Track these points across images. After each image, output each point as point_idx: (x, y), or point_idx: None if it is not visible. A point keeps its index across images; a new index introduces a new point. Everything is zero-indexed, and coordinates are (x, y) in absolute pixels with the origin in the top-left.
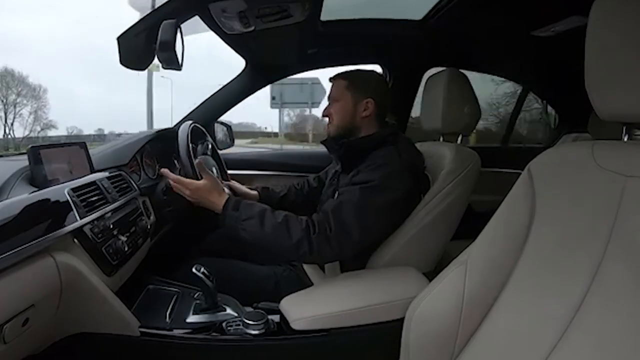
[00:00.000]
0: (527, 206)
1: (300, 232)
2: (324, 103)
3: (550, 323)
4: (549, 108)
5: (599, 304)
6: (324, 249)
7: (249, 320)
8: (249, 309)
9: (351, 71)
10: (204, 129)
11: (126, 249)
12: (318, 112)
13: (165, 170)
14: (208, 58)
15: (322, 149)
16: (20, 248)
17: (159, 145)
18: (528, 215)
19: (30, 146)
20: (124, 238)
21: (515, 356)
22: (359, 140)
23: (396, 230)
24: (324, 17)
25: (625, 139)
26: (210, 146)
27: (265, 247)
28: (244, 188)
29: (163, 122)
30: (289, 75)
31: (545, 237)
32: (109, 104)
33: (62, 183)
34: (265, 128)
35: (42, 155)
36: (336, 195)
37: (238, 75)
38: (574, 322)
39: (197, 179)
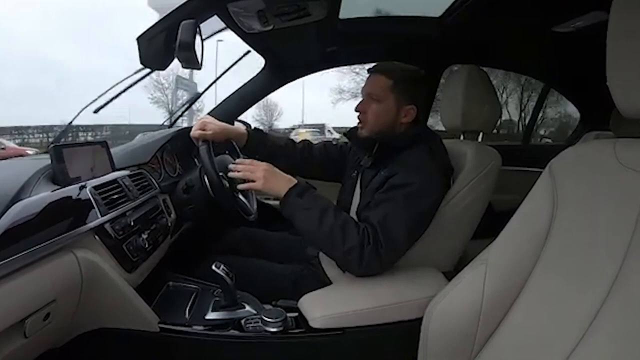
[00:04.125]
0: (548, 205)
1: (355, 240)
2: None
3: (571, 323)
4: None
5: (621, 304)
6: (373, 263)
7: (268, 317)
8: (268, 306)
9: (396, 68)
10: None
11: (146, 246)
12: None
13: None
14: None
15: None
16: (42, 245)
17: (179, 144)
18: (549, 214)
19: (52, 145)
20: (144, 235)
21: (535, 357)
22: (393, 139)
23: None
24: (342, 15)
25: None
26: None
27: (314, 243)
28: (227, 125)
29: None
30: (308, 74)
31: (566, 237)
32: None
33: (84, 181)
34: None
35: (64, 154)
36: (358, 189)
37: (258, 74)
38: (595, 322)
39: (212, 162)
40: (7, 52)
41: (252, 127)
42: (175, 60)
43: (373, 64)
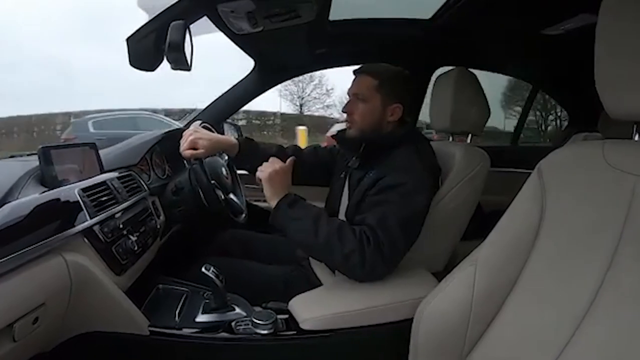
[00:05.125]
0: (536, 205)
1: (353, 243)
2: None
3: (562, 321)
4: None
5: (611, 302)
6: (377, 264)
7: (258, 319)
8: (258, 308)
9: (381, 69)
10: (213, 129)
11: (136, 248)
12: None
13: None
14: None
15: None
16: (30, 247)
17: (169, 145)
18: (538, 214)
19: (40, 147)
20: (133, 238)
21: (526, 354)
22: (380, 138)
23: None
24: (332, 17)
25: (636, 138)
26: (226, 157)
27: (312, 253)
28: (218, 136)
29: None
30: (298, 75)
31: (555, 236)
32: None
33: (73, 183)
34: None
35: (53, 156)
36: (346, 191)
37: (247, 75)
38: (586, 320)
39: (207, 177)
40: (13, 51)
41: (243, 135)
42: None
43: (359, 66)
